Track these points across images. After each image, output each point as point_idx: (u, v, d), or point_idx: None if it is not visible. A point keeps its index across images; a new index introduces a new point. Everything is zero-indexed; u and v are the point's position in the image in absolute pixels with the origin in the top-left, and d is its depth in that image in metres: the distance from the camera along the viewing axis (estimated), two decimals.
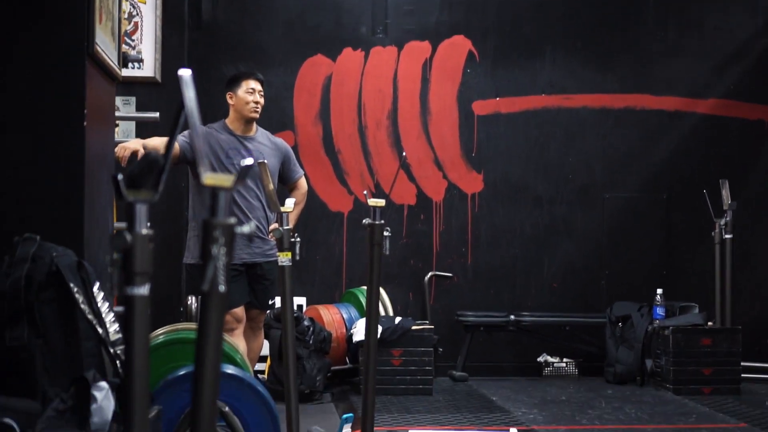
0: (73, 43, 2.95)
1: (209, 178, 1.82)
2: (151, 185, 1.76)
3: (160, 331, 4.39)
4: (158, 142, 5.35)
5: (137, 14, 6.94)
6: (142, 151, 5.05)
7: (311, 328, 6.28)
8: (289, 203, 3.99)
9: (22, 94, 3.04)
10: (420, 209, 7.53)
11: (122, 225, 2.29)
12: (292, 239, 3.86)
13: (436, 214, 7.51)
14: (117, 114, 5.70)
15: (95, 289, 2.95)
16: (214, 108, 6.50)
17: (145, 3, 6.93)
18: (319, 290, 7.38)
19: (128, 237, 1.67)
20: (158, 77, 6.91)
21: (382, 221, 3.59)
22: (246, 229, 1.84)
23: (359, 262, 7.42)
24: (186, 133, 5.51)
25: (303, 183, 5.90)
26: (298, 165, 5.89)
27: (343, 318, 6.81)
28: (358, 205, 7.46)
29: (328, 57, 7.49)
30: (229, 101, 5.63)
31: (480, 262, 7.53)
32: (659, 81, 7.69)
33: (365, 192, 3.61)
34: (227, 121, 5.65)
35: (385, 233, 3.95)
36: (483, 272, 7.54)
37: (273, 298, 5.82)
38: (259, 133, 5.71)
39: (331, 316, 6.79)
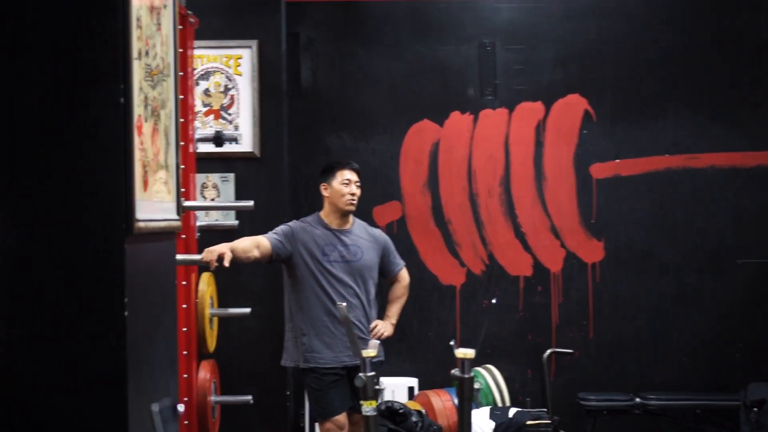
0: (109, 227, 2.61)
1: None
2: None
3: None
4: (248, 243, 5.18)
5: (233, 87, 6.81)
6: (229, 255, 4.88)
7: (419, 424, 6.03)
8: (372, 346, 3.74)
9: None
10: (537, 280, 7.19)
11: None
12: (377, 387, 3.59)
13: (555, 286, 7.17)
14: (207, 204, 5.59)
15: None
16: (315, 181, 6.22)
17: (241, 75, 6.80)
18: (432, 369, 7.05)
19: None
20: (257, 152, 6.76)
21: (472, 374, 3.30)
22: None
23: (474, 339, 7.08)
24: (278, 229, 5.35)
25: (405, 274, 5.67)
26: (398, 256, 5.65)
27: (455, 405, 6.52)
28: (471, 278, 7.17)
29: (434, 122, 7.22)
30: (324, 193, 5.43)
31: (603, 336, 7.16)
32: None
33: (451, 343, 3.32)
34: (322, 214, 5.45)
35: (478, 385, 3.63)
36: (606, 347, 7.16)
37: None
38: (356, 226, 5.50)
39: (442, 403, 6.51)
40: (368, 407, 3.55)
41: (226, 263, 4.85)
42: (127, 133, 2.67)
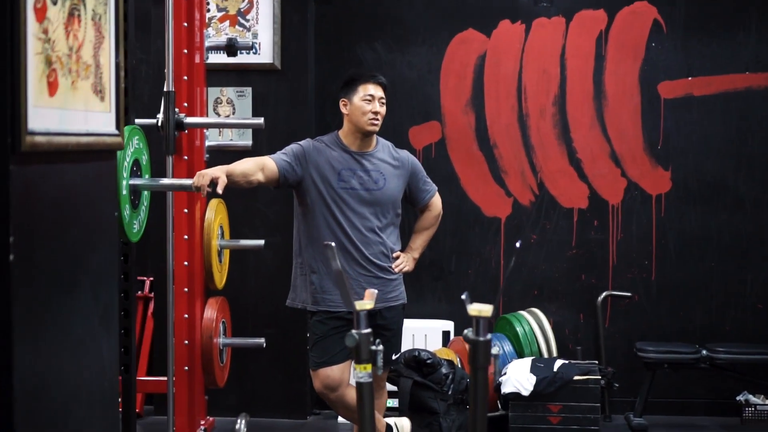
0: None
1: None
2: None
3: None
4: (250, 165, 4.56)
5: None
6: (224, 179, 4.27)
7: (450, 377, 5.43)
8: (369, 296, 3.10)
9: None
10: (593, 214, 6.55)
11: None
12: (374, 347, 2.95)
13: (613, 220, 6.53)
14: (206, 121, 5.00)
15: None
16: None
17: None
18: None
19: None
20: (277, 63, 6.21)
21: (489, 336, 2.65)
22: None
23: (519, 277, 6.54)
24: (288, 149, 4.74)
25: (437, 202, 5.02)
26: (429, 181, 4.98)
27: (495, 354, 5.95)
28: (518, 209, 6.57)
29: (481, 32, 6.56)
30: (343, 110, 4.78)
31: (666, 278, 6.51)
32: None
33: (463, 296, 2.68)
34: (341, 133, 4.79)
35: (496, 350, 3.00)
36: (670, 291, 6.51)
37: (398, 351, 5.01)
38: (380, 148, 4.83)
39: None
40: (362, 372, 2.93)
41: (220, 189, 4.23)
42: (13, 16, 2.04)
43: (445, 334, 6.32)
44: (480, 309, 2.69)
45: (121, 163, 3.89)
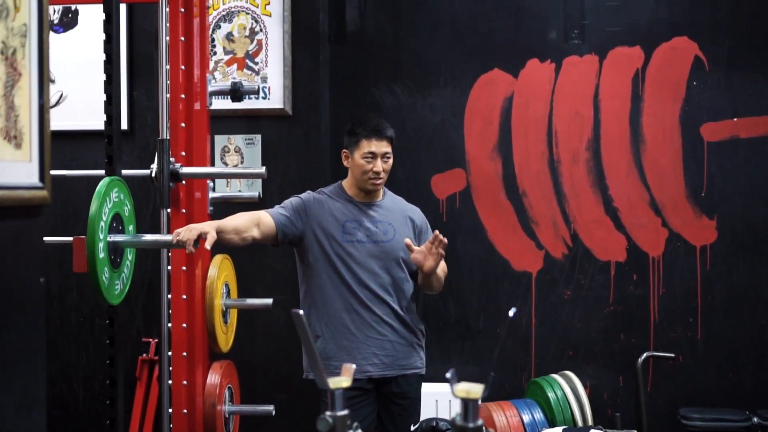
0: None
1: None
2: None
3: None
4: (244, 220, 4.22)
5: (261, 30, 5.87)
6: (213, 235, 3.92)
7: None
8: (347, 372, 2.72)
9: None
10: (632, 267, 6.14)
11: None
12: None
13: (654, 274, 6.11)
14: (199, 171, 4.70)
15: None
16: None
17: (270, 15, 5.86)
18: (500, 376, 6.13)
19: None
20: (288, 108, 5.86)
21: (480, 423, 2.25)
22: None
23: (553, 337, 6.14)
24: (287, 203, 4.42)
25: (442, 267, 4.65)
26: None
27: (523, 423, 5.51)
28: (550, 263, 6.17)
29: (507, 72, 6.21)
30: (345, 162, 4.45)
31: (713, 337, 6.08)
32: None
33: (448, 374, 2.29)
34: (344, 184, 4.46)
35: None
36: (717, 351, 6.07)
37: (416, 421, 4.60)
38: (388, 199, 4.48)
39: (506, 420, 5.50)
40: None
41: (207, 245, 3.88)
42: None
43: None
44: (468, 389, 2.28)
45: (96, 222, 3.62)
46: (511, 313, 2.22)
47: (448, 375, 2.33)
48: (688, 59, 6.10)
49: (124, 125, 5.79)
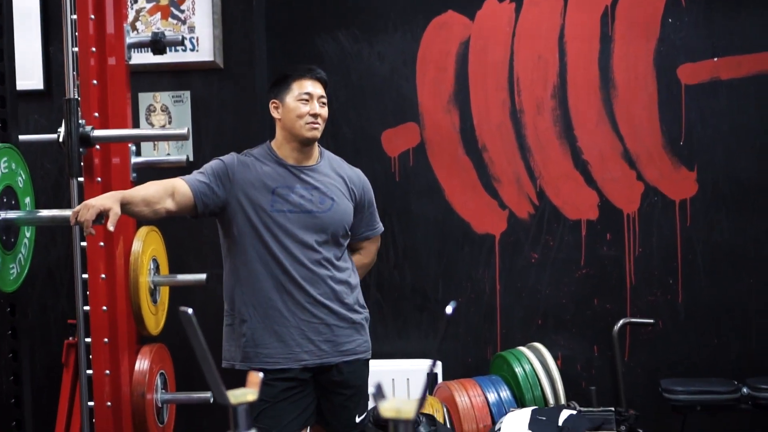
0: None
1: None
2: None
3: None
4: (155, 189, 3.77)
5: None
6: (116, 212, 3.46)
7: None
8: (252, 383, 2.29)
9: None
10: (605, 226, 5.81)
11: None
12: None
13: (629, 232, 5.80)
14: (129, 132, 4.37)
15: None
16: None
17: None
18: (462, 350, 5.82)
19: None
20: (219, 61, 5.50)
21: None
22: None
23: (519, 304, 5.81)
24: (206, 167, 4.00)
25: (374, 247, 4.30)
26: (378, 217, 4.24)
27: (488, 403, 5.15)
28: (514, 224, 5.84)
29: (462, 14, 5.87)
30: (274, 114, 4.01)
31: (696, 300, 5.76)
32: None
33: (372, 390, 1.82)
34: (273, 144, 4.01)
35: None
36: (700, 316, 5.76)
37: (362, 412, 4.16)
38: (325, 161, 4.04)
39: (470, 399, 5.12)
40: None
41: (110, 225, 3.43)
42: None
43: (432, 377, 5.55)
44: (399, 408, 1.78)
45: None
46: (449, 309, 1.81)
47: (371, 391, 1.91)
48: None
49: (39, 84, 5.52)
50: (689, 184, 5.78)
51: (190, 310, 2.22)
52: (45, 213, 3.77)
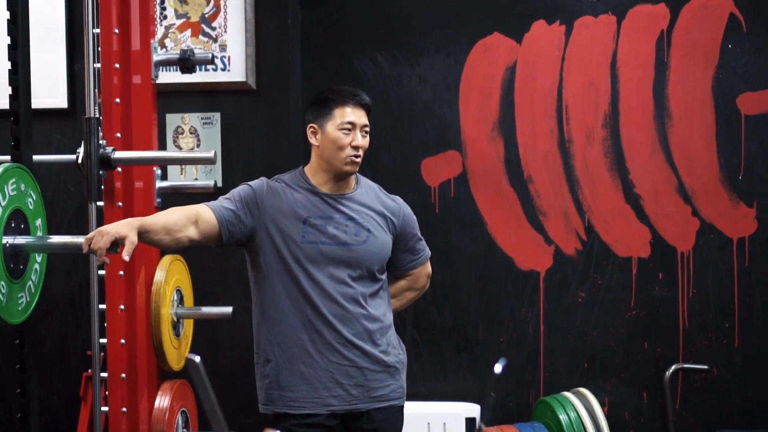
0: None
1: None
2: None
3: None
4: (177, 217, 3.59)
5: None
6: (132, 240, 3.28)
7: None
8: None
9: None
10: (657, 264, 5.69)
11: None
12: None
13: (683, 272, 5.67)
14: (151, 154, 4.28)
15: None
16: None
17: None
18: (504, 391, 5.69)
19: None
20: (251, 82, 5.42)
21: None
22: None
23: (565, 347, 5.69)
24: (233, 193, 3.83)
25: (424, 273, 4.09)
26: (423, 242, 4.04)
27: None
28: (560, 260, 5.71)
29: (509, 36, 5.77)
30: (311, 140, 3.80)
31: (753, 346, 5.63)
32: None
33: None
34: (307, 170, 3.81)
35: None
36: (758, 362, 5.62)
37: None
38: (362, 189, 3.83)
39: None
40: None
41: (125, 255, 3.26)
42: None
43: (469, 422, 5.45)
44: None
45: None
46: (498, 368, 1.62)
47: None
48: (722, 18, 5.71)
49: (63, 103, 5.43)
50: (748, 222, 5.67)
51: (197, 358, 2.02)
52: (56, 239, 3.71)
